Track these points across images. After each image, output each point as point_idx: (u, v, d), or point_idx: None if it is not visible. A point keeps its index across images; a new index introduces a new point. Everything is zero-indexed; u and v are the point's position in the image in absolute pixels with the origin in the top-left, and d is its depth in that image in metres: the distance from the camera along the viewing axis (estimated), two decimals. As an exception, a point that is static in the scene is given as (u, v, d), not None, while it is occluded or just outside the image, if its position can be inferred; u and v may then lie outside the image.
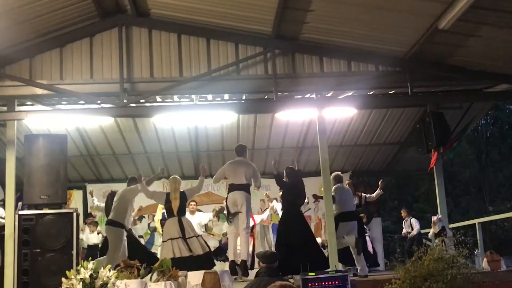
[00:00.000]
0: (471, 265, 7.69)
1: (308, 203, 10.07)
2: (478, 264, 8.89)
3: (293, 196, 8.93)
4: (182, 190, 8.83)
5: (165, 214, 9.17)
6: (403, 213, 13.59)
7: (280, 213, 10.42)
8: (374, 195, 10.46)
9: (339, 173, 9.95)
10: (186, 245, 8.34)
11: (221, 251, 11.28)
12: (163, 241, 8.65)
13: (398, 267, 6.79)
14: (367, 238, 11.86)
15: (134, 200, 9.57)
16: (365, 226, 12.56)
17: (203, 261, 8.29)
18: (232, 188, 8.77)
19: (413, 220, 13.02)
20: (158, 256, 10.47)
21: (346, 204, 9.40)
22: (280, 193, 9.47)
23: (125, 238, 9.17)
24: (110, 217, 9.26)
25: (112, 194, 9.97)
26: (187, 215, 9.72)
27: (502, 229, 20.76)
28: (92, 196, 10.88)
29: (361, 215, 12.35)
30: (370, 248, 11.92)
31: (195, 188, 9.19)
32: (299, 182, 9.07)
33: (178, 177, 9.02)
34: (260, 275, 6.08)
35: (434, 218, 12.22)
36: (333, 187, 9.36)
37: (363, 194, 10.66)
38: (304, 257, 7.98)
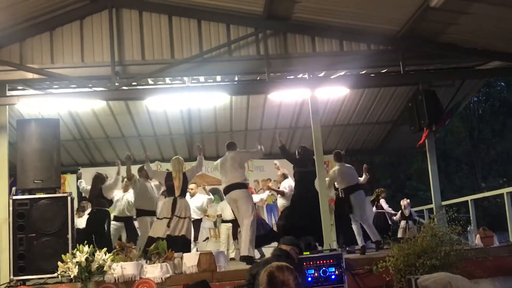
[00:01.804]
0: (464, 242, 7.79)
1: None
2: (471, 241, 8.96)
3: (304, 173, 9.02)
4: (184, 172, 8.85)
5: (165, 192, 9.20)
6: None
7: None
8: (362, 179, 10.46)
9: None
10: (169, 224, 8.40)
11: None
12: (157, 218, 8.77)
13: (392, 245, 6.86)
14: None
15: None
16: None
17: (178, 243, 8.30)
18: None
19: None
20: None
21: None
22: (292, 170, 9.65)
23: None
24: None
25: (98, 176, 9.96)
26: (187, 197, 9.83)
27: (494, 205, 20.89)
28: (80, 178, 10.74)
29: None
30: None
31: (194, 168, 9.19)
32: (310, 161, 9.17)
33: (181, 157, 9.03)
34: (270, 258, 6.07)
35: (404, 202, 12.50)
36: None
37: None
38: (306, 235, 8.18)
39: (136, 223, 10.42)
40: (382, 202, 12.81)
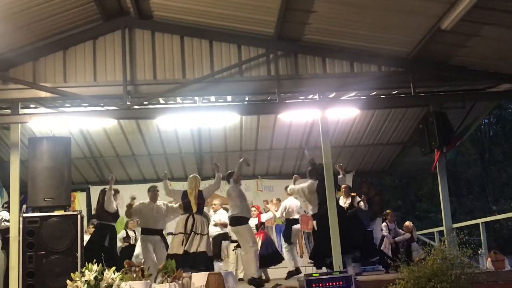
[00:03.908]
0: (475, 265, 7.71)
1: None
2: (482, 264, 8.89)
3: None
4: (200, 189, 8.88)
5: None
6: None
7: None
8: (363, 207, 10.35)
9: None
10: (187, 240, 8.40)
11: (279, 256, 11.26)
12: (173, 234, 8.80)
13: (402, 268, 6.80)
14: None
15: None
16: None
17: (198, 259, 8.33)
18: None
19: None
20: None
21: None
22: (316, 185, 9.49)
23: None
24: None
25: (103, 190, 9.90)
26: (211, 213, 10.16)
27: (506, 228, 20.74)
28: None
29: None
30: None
31: (213, 186, 9.22)
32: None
33: (198, 176, 9.08)
34: None
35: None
36: None
37: (358, 199, 10.45)
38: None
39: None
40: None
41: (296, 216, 10.98)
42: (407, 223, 12.11)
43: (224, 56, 8.80)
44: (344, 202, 10.41)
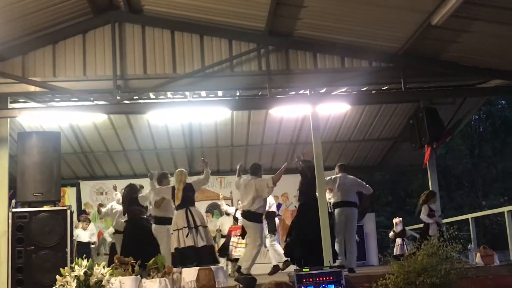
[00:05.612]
0: (465, 260, 7.74)
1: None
2: (472, 259, 8.94)
3: (312, 188, 8.92)
4: (188, 182, 8.83)
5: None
6: None
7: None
8: None
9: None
10: (191, 234, 8.35)
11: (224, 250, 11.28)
12: (171, 233, 8.67)
13: (392, 262, 6.82)
14: None
15: None
16: None
17: (205, 253, 8.29)
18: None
19: None
20: None
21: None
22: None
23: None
24: None
25: (131, 186, 9.68)
26: None
27: (495, 223, 20.82)
28: (116, 190, 10.56)
29: None
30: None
31: (202, 180, 9.12)
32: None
33: (184, 170, 9.01)
34: None
35: (396, 220, 12.45)
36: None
37: None
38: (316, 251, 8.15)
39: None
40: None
41: (273, 209, 11.00)
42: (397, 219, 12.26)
43: (215, 51, 8.76)
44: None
